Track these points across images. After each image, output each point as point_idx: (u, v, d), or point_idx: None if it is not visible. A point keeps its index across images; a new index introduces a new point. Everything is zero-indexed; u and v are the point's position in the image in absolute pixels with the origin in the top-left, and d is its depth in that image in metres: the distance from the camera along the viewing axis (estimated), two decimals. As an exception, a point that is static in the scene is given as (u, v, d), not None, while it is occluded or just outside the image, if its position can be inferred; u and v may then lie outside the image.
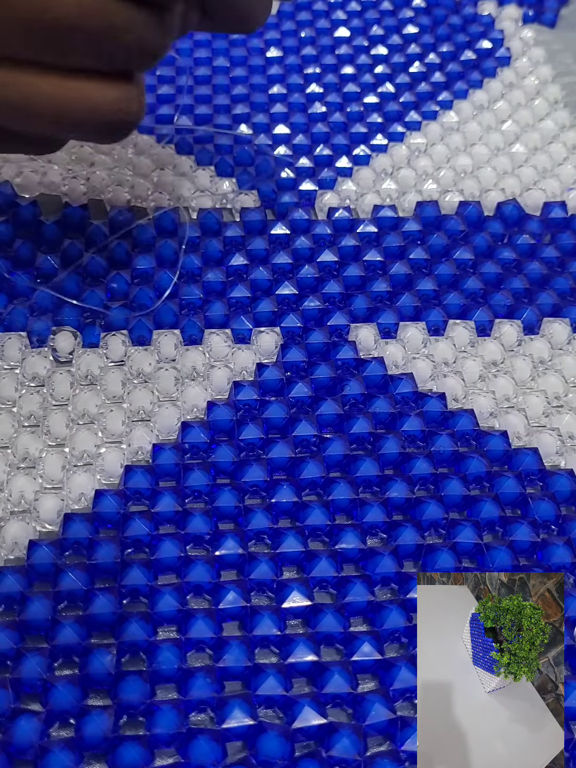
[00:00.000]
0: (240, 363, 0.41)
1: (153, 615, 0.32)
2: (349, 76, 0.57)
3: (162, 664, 0.31)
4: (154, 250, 0.45)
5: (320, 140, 0.53)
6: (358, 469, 0.37)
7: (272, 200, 0.49)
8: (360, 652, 0.32)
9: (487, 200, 0.50)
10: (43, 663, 0.31)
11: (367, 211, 0.49)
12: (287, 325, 0.42)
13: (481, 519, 0.36)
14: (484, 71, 0.58)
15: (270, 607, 0.33)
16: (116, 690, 0.31)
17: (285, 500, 0.36)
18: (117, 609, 0.32)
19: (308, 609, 0.33)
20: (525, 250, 0.47)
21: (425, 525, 0.36)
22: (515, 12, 0.62)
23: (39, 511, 0.35)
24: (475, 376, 0.41)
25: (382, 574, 0.34)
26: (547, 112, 0.56)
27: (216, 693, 0.31)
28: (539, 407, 0.40)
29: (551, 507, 0.36)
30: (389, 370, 0.41)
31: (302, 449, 0.38)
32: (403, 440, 0.38)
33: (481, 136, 0.54)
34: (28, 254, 0.44)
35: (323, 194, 0.50)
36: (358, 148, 0.53)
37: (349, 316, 0.43)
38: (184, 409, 0.39)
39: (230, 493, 0.36)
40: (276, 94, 0.56)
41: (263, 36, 0.60)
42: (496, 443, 0.38)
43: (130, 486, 0.36)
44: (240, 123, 0.54)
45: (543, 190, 0.50)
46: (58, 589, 0.33)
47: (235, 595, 0.33)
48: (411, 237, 0.47)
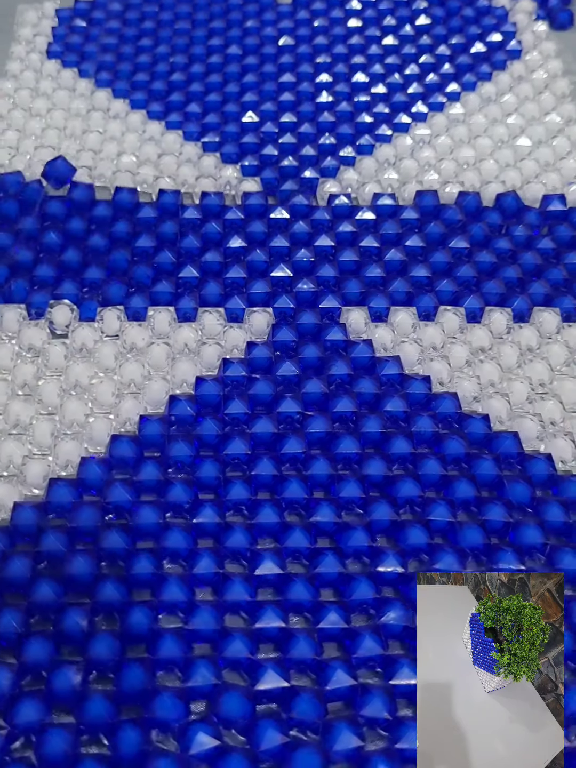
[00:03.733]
0: (231, 341, 0.42)
1: (129, 577, 0.33)
2: (359, 65, 0.58)
3: (134, 624, 0.32)
4: (155, 230, 0.46)
5: (326, 129, 0.54)
6: (338, 446, 0.38)
7: (274, 187, 0.50)
8: (327, 620, 0.33)
9: (486, 192, 0.50)
10: (19, 618, 0.32)
11: (367, 199, 0.50)
12: (280, 306, 0.43)
13: (456, 498, 0.37)
14: (494, 64, 0.59)
15: (242, 575, 0.34)
16: (88, 647, 0.32)
17: (264, 473, 0.37)
18: (94, 570, 0.34)
19: (280, 578, 0.34)
20: (521, 240, 0.47)
21: (401, 502, 0.37)
22: (529, 5, 0.63)
23: (26, 476, 0.36)
24: (461, 362, 0.42)
25: (354, 547, 0.35)
26: (553, 106, 0.56)
27: (184, 653, 0.32)
28: (523, 393, 0.40)
29: (527, 489, 0.37)
30: (377, 353, 0.42)
31: (285, 425, 0.39)
32: (385, 420, 0.39)
33: (486, 129, 0.54)
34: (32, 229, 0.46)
35: (324, 182, 0.51)
36: (363, 137, 0.54)
37: (342, 299, 0.44)
38: (173, 384, 0.40)
39: (212, 464, 0.37)
40: (286, 83, 0.57)
41: (277, 24, 0.61)
42: (477, 426, 0.39)
43: (115, 454, 0.37)
44: (248, 110, 0.55)
45: (543, 183, 0.51)
46: (39, 549, 0.34)
47: (209, 561, 0.34)
48: (409, 225, 0.48)
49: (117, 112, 0.54)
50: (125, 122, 0.53)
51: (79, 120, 0.52)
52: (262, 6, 0.62)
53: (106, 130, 0.53)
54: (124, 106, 0.54)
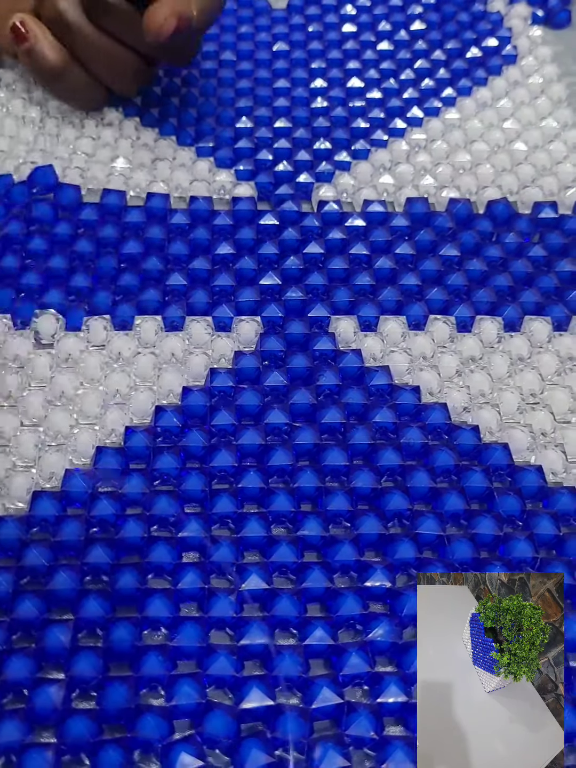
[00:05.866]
0: (219, 350, 0.41)
1: (112, 593, 0.33)
2: (354, 71, 0.58)
3: (116, 641, 0.32)
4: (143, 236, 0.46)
5: (321, 134, 0.53)
6: (326, 458, 0.37)
7: (269, 192, 0.50)
8: (313, 636, 0.32)
9: (483, 197, 0.50)
10: (1, 635, 0.32)
11: (362, 204, 0.49)
12: (268, 315, 0.43)
13: (446, 511, 0.36)
14: (490, 69, 0.58)
15: (228, 590, 0.33)
16: (70, 664, 0.31)
17: (251, 486, 0.36)
18: (78, 586, 0.33)
19: (266, 593, 0.33)
20: (512, 248, 0.47)
21: (389, 515, 0.36)
22: (524, 10, 0.62)
23: (9, 488, 0.36)
24: (451, 371, 0.41)
25: (341, 561, 0.35)
26: (549, 111, 0.56)
27: (168, 671, 0.31)
28: (513, 404, 0.40)
29: (517, 502, 0.37)
30: (366, 363, 0.41)
31: (273, 437, 0.38)
32: (373, 431, 0.38)
33: (482, 134, 0.54)
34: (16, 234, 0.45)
35: (320, 187, 0.50)
36: (358, 142, 0.53)
37: (331, 308, 0.43)
38: (159, 394, 0.40)
39: (198, 477, 0.37)
40: (280, 88, 0.56)
41: (271, 30, 0.60)
42: (467, 437, 0.39)
43: (100, 467, 0.37)
44: (242, 116, 0.54)
45: (540, 187, 0.50)
46: (21, 564, 0.34)
47: (194, 576, 0.34)
48: (399, 232, 0.47)
49: (111, 120, 0.53)
50: (119, 129, 0.53)
51: (71, 127, 0.52)
52: (256, 11, 0.62)
53: (100, 137, 0.52)
54: (118, 115, 0.53)
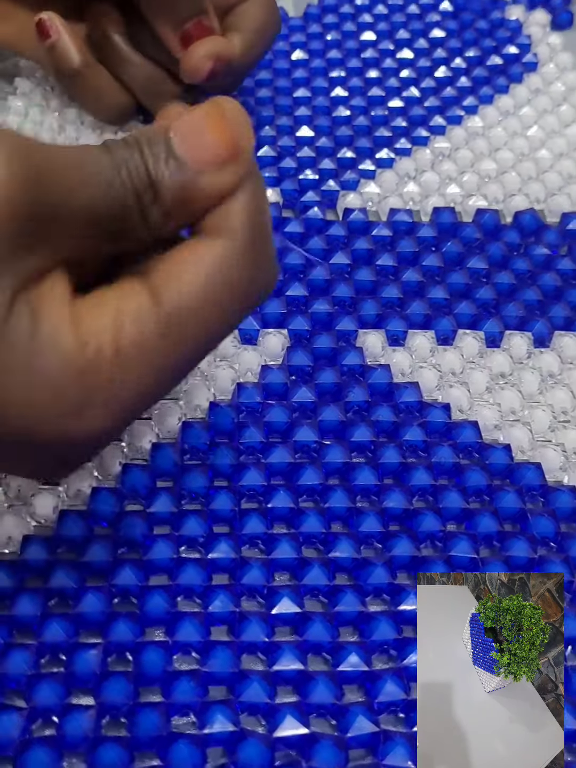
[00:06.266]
0: (245, 364, 0.41)
1: (141, 616, 0.32)
2: (375, 79, 0.57)
3: (147, 665, 0.31)
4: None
5: (344, 143, 0.53)
6: (356, 477, 0.37)
7: (295, 199, 0.49)
8: (347, 662, 0.32)
9: (510, 205, 0.49)
10: (29, 659, 0.31)
11: (387, 213, 0.49)
12: (295, 328, 0.42)
13: (479, 533, 0.36)
14: (511, 76, 0.58)
15: (259, 613, 0.33)
16: (100, 689, 0.31)
17: (281, 506, 0.36)
18: (107, 608, 0.32)
19: (298, 616, 0.33)
20: (540, 261, 0.46)
21: (421, 536, 0.35)
22: (543, 17, 0.62)
23: (35, 506, 0.35)
24: (481, 388, 0.40)
25: (374, 584, 0.34)
26: (573, 118, 0.55)
27: (199, 697, 0.31)
28: (545, 422, 0.39)
29: (551, 523, 0.36)
30: (395, 378, 0.41)
31: (302, 455, 0.38)
32: (404, 450, 0.38)
33: (506, 142, 0.53)
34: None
35: (345, 195, 0.50)
36: (382, 151, 0.53)
37: (358, 321, 0.43)
38: (186, 409, 0.39)
39: (227, 496, 0.36)
40: (301, 97, 0.56)
41: (289, 39, 0.60)
42: (499, 456, 0.38)
43: (127, 484, 0.36)
44: (264, 125, 0.54)
45: (567, 194, 0.50)
46: (49, 586, 0.33)
47: (224, 599, 0.33)
48: (425, 243, 0.47)
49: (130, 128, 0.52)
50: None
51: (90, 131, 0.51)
52: (274, 18, 0.61)
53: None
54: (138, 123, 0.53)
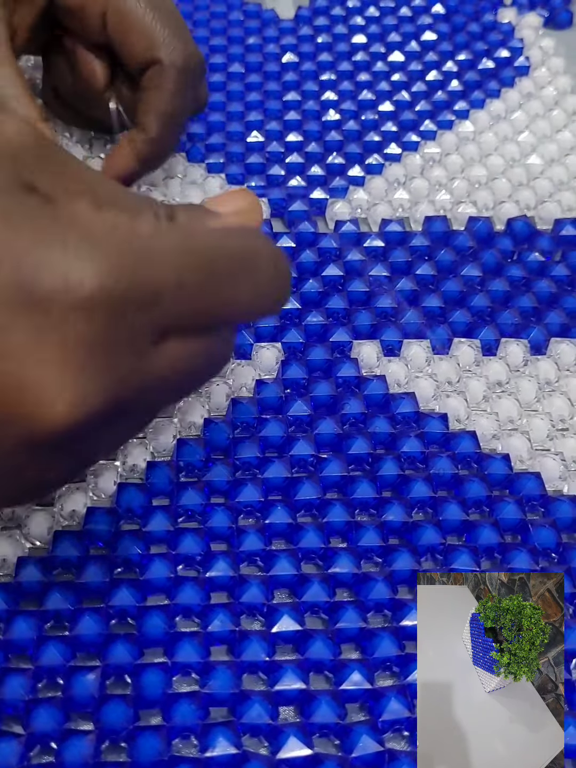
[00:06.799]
0: (240, 379, 0.40)
1: (140, 637, 0.32)
2: (365, 83, 0.57)
3: (147, 688, 0.31)
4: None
5: (333, 148, 0.52)
6: (355, 490, 0.36)
7: (282, 208, 0.49)
8: (349, 680, 0.31)
9: (500, 212, 0.49)
10: (26, 684, 0.31)
11: (378, 221, 0.48)
12: (289, 341, 0.42)
13: (479, 545, 0.35)
14: (503, 80, 0.57)
15: (259, 632, 0.32)
16: (99, 714, 0.30)
17: (279, 521, 0.35)
18: (104, 630, 0.32)
19: (298, 634, 0.33)
20: (534, 267, 0.46)
21: (421, 550, 0.35)
22: (535, 20, 0.61)
23: (29, 527, 0.35)
24: (478, 397, 0.40)
25: (375, 600, 0.34)
26: (565, 123, 0.55)
27: (200, 720, 0.30)
28: (543, 430, 0.39)
29: (552, 534, 0.36)
30: (391, 389, 0.40)
31: (299, 469, 0.37)
32: (402, 462, 0.37)
33: (496, 147, 0.53)
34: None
35: (334, 203, 0.49)
36: (372, 157, 0.52)
37: (352, 332, 0.42)
38: (181, 426, 0.38)
39: (223, 513, 0.35)
40: (291, 101, 0.55)
41: (279, 41, 0.59)
42: (498, 467, 0.38)
43: (122, 504, 0.36)
44: (253, 130, 0.53)
45: (558, 202, 0.49)
46: (45, 608, 0.32)
47: (224, 618, 0.33)
48: (418, 252, 0.46)
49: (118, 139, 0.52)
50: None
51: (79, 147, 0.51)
52: (264, 21, 0.61)
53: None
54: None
